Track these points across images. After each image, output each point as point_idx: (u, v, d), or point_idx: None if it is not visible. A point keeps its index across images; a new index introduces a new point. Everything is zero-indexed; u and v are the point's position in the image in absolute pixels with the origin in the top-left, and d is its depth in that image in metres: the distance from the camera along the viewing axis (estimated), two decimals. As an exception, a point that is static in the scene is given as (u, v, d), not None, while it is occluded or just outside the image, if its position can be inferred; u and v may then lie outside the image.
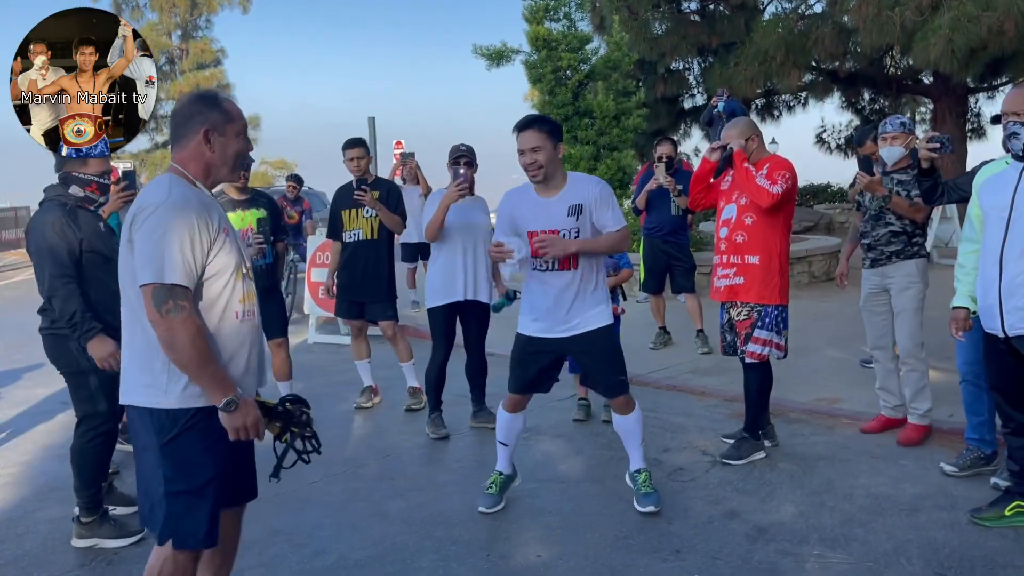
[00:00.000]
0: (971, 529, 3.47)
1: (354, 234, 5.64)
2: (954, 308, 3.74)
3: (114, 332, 3.45)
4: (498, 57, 14.97)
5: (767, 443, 4.57)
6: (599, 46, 14.86)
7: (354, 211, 5.61)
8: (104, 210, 4.35)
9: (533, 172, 3.67)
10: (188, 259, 2.25)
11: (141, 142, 28.84)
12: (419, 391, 5.70)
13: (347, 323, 5.94)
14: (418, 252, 9.42)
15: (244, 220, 5.24)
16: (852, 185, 6.02)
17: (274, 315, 5.40)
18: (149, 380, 2.32)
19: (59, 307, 3.53)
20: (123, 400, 2.40)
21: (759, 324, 4.32)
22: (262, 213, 5.33)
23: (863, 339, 6.78)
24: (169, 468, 2.32)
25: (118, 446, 4.80)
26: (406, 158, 5.42)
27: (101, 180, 3.83)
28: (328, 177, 24.13)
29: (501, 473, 4.00)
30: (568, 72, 14.23)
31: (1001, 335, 3.41)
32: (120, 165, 8.56)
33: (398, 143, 19.04)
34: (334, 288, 5.82)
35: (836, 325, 7.66)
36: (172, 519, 2.35)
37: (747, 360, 4.38)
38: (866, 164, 4.69)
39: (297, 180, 10.60)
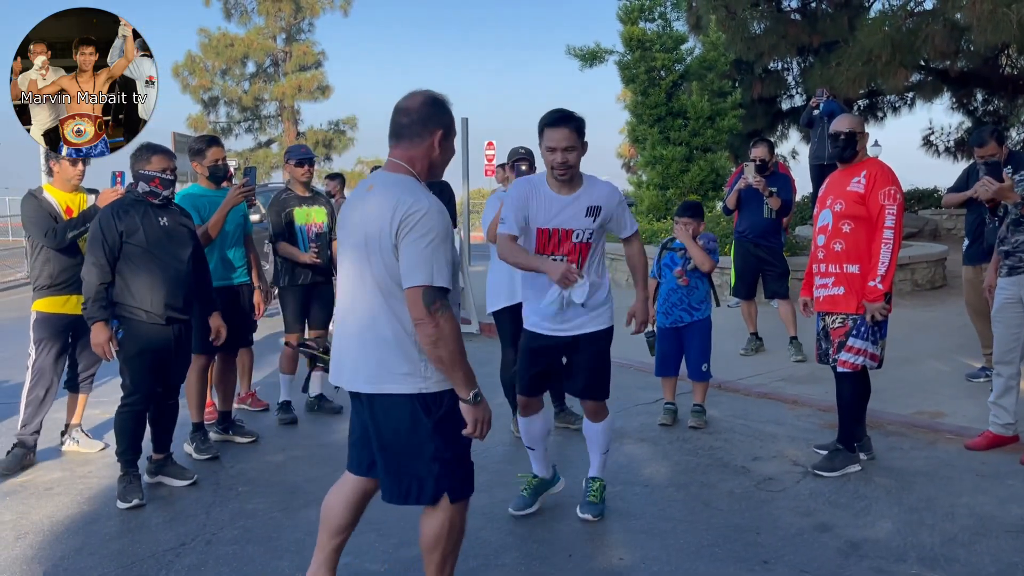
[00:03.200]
0: (1086, 556, 3.26)
1: None
2: None
3: (150, 315, 4.02)
4: (592, 58, 14.93)
5: (863, 456, 4.41)
6: (694, 46, 14.66)
7: None
8: (226, 203, 4.68)
9: (561, 172, 3.50)
10: (450, 263, 2.46)
11: (245, 141, 29.96)
12: None
13: None
14: None
15: (309, 216, 5.50)
16: (955, 190, 5.73)
17: (321, 308, 5.63)
18: (409, 369, 2.51)
19: (83, 289, 4.01)
20: (377, 390, 2.56)
21: (853, 333, 4.18)
22: (324, 211, 5.58)
23: (969, 351, 6.49)
24: (440, 441, 2.56)
25: (215, 436, 5.05)
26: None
27: (163, 175, 4.13)
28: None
29: (535, 476, 3.95)
30: (662, 72, 14.09)
31: None
32: (231, 163, 8.99)
33: (489, 144, 19.23)
34: None
35: (940, 336, 7.32)
36: (448, 479, 2.60)
37: (839, 369, 4.24)
38: (995, 169, 4.42)
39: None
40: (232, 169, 5.54)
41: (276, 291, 5.79)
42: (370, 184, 2.63)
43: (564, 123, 3.46)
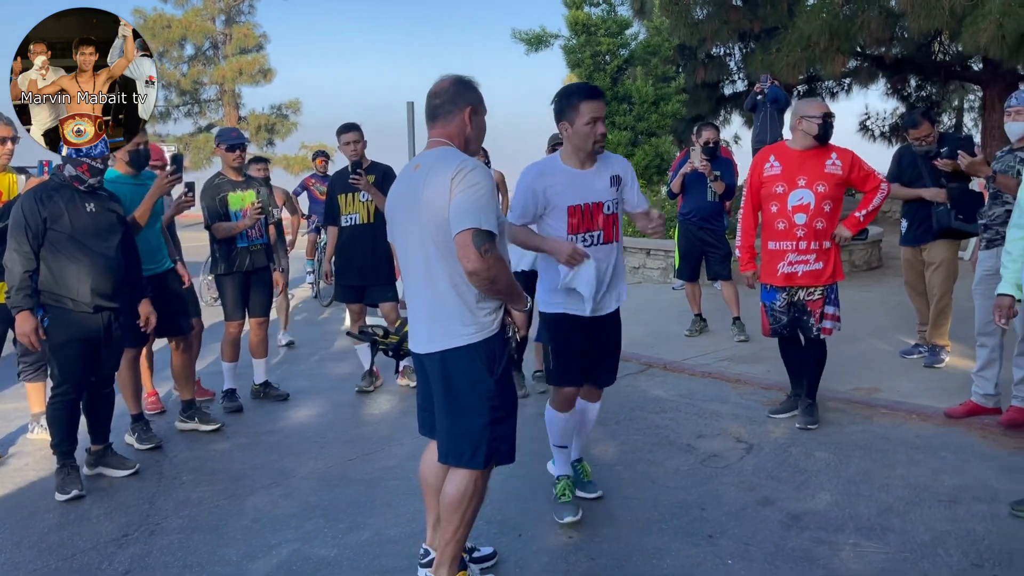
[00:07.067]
0: (1011, 522, 3.40)
1: (351, 218, 5.72)
2: (999, 295, 3.67)
3: (73, 303, 3.91)
4: (537, 42, 14.92)
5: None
6: (639, 31, 14.75)
7: (350, 195, 5.69)
8: (153, 191, 4.50)
9: (602, 144, 3.40)
10: (496, 214, 2.62)
11: (185, 126, 29.13)
12: (378, 375, 6.00)
13: (347, 308, 6.12)
14: None
15: (244, 200, 5.44)
16: (891, 176, 5.84)
17: (261, 295, 5.59)
18: (471, 320, 2.69)
19: (6, 277, 3.88)
20: (446, 346, 2.70)
21: (828, 301, 4.57)
22: (257, 196, 5.50)
23: (904, 330, 6.70)
24: (497, 397, 2.72)
25: (180, 424, 5.02)
26: None
27: (93, 163, 4.00)
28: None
29: (568, 477, 3.69)
30: (607, 57, 14.15)
31: None
32: (167, 149, 8.67)
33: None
34: (331, 274, 5.92)
35: (876, 315, 7.54)
36: (495, 442, 2.75)
37: (822, 336, 4.63)
38: (967, 144, 4.57)
39: (326, 156, 10.46)
40: (167, 155, 5.38)
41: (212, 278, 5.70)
42: (416, 164, 2.78)
43: (600, 95, 3.38)
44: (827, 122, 4.44)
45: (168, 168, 4.60)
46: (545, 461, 4.16)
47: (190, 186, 4.83)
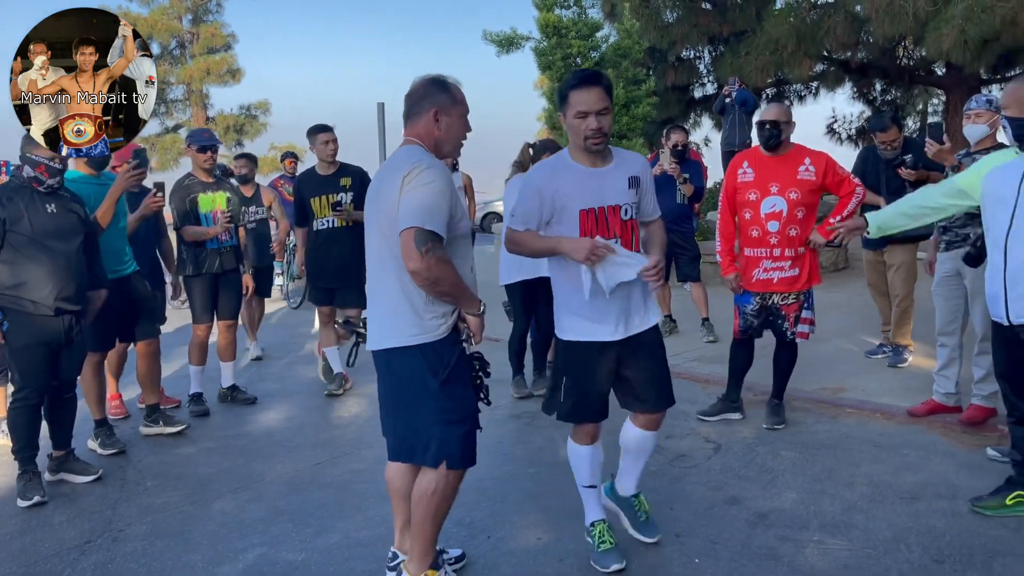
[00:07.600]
0: (971, 518, 3.47)
1: (327, 221, 5.67)
2: (861, 215, 3.83)
3: (35, 306, 3.86)
4: (508, 43, 14.91)
5: (739, 416, 4.98)
6: (609, 33, 14.79)
7: (323, 199, 5.64)
8: (115, 189, 4.42)
9: (597, 140, 2.90)
10: (446, 215, 2.60)
11: (152, 126, 28.70)
12: (347, 378, 5.95)
13: (317, 310, 6.11)
14: None
15: (215, 201, 5.40)
16: (897, 164, 5.72)
17: (230, 297, 5.54)
18: (415, 320, 2.69)
19: None
20: (391, 344, 2.72)
21: (805, 306, 4.64)
22: (226, 195, 5.46)
23: (870, 330, 6.80)
24: (445, 400, 2.71)
25: (145, 429, 4.95)
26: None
27: (50, 163, 3.96)
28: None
29: (604, 521, 3.26)
30: (578, 59, 14.17)
31: (1006, 323, 3.40)
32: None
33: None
34: (305, 275, 5.90)
35: (843, 315, 7.64)
36: (447, 444, 2.73)
37: (797, 340, 4.70)
38: (936, 131, 4.63)
39: (295, 157, 10.32)
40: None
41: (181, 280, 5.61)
42: (387, 162, 2.85)
43: (595, 82, 2.89)
44: (766, 131, 4.45)
45: (130, 163, 4.51)
46: (516, 463, 4.18)
47: (159, 186, 4.76)
